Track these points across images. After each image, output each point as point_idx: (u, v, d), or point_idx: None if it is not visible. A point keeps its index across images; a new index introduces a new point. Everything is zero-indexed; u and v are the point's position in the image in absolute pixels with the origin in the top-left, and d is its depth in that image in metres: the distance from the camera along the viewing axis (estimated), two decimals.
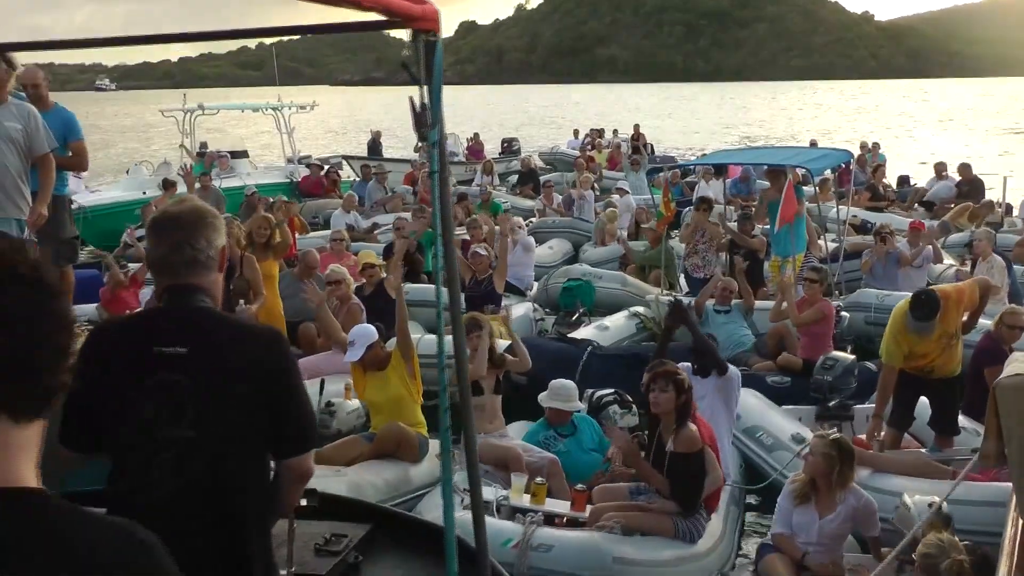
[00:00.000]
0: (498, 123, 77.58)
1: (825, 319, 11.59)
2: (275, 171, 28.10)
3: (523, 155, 34.40)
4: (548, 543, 7.28)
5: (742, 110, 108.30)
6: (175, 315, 3.53)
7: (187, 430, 3.33)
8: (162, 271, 3.58)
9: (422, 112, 3.68)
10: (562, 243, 20.38)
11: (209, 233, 3.57)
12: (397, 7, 3.41)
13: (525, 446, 9.01)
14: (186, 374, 3.35)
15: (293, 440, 3.57)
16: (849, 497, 7.09)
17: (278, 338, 3.60)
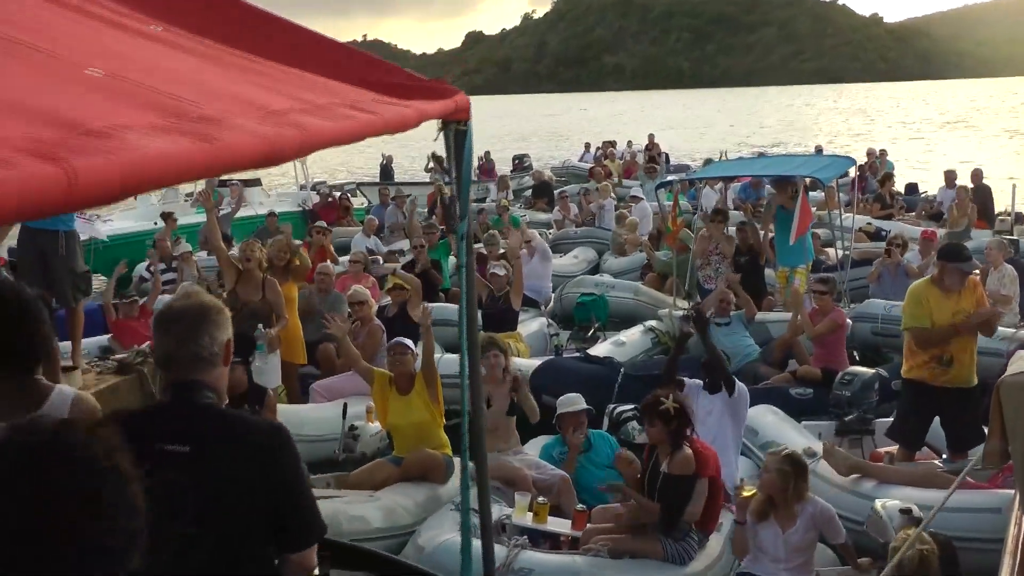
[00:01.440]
0: (508, 136, 77.67)
1: (840, 328, 11.63)
2: (288, 199, 28.12)
3: (535, 170, 34.46)
4: (529, 567, 7.28)
5: (751, 115, 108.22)
6: (179, 412, 3.56)
7: (189, 526, 3.25)
8: (167, 367, 3.63)
9: (451, 204, 3.77)
10: (586, 251, 20.45)
11: (213, 330, 3.60)
12: (437, 112, 3.51)
13: (539, 464, 9.10)
14: (187, 473, 3.30)
15: (295, 536, 3.60)
16: (807, 507, 7.05)
17: (280, 435, 3.60)
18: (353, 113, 3.03)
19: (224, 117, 2.36)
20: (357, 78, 3.38)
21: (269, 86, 2.98)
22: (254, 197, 26.58)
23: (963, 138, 66.29)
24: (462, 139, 3.75)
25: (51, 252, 8.73)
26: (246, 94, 2.76)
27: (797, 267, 14.16)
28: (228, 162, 2.25)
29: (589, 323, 14.51)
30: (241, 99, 2.69)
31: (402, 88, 3.46)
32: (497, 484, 8.66)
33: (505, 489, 8.71)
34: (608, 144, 39.95)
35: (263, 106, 2.66)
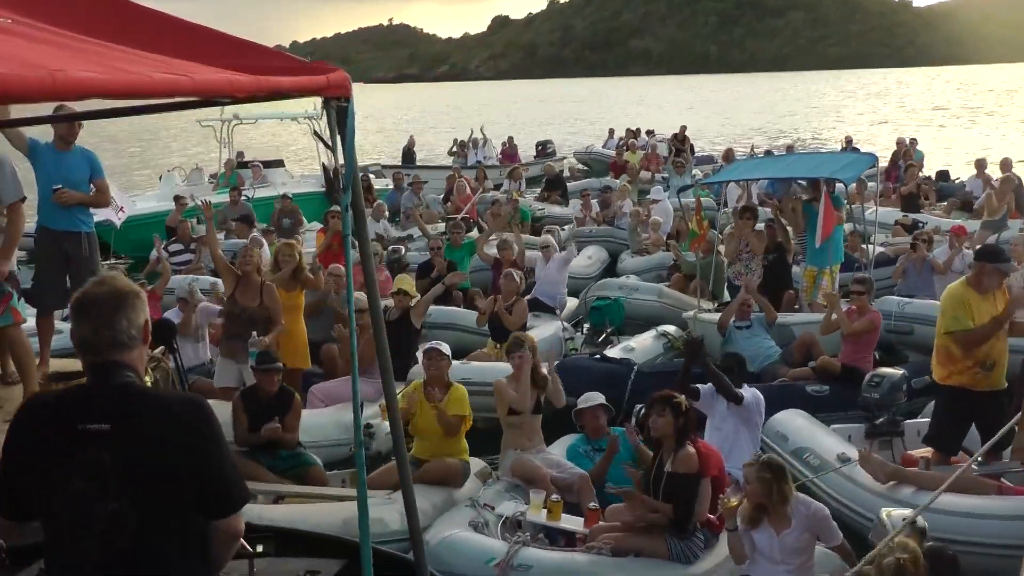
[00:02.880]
0: (532, 121, 77.56)
1: (875, 330, 11.61)
2: (310, 180, 28.12)
3: (548, 161, 34.24)
4: (528, 563, 7.48)
5: (778, 101, 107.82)
6: (98, 392, 3.62)
7: (113, 503, 3.43)
8: (86, 350, 3.66)
9: (335, 176, 3.85)
10: (599, 251, 20.45)
11: (129, 313, 3.66)
12: (304, 85, 3.78)
13: (560, 463, 9.25)
14: (109, 450, 3.44)
15: (219, 503, 3.68)
16: (799, 507, 7.11)
17: (199, 407, 3.67)
18: (153, 74, 3.22)
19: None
20: (228, 62, 3.60)
21: (77, 56, 3.20)
22: (276, 178, 26.74)
23: (992, 125, 65.69)
24: (343, 114, 3.99)
25: (74, 253, 8.99)
26: (27, 56, 2.93)
27: (825, 268, 14.09)
28: None
29: (603, 327, 14.41)
30: (10, 56, 2.86)
31: (272, 68, 3.72)
32: (517, 482, 8.99)
33: (525, 487, 8.89)
34: (631, 133, 39.67)
35: (33, 62, 2.86)
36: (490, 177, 28.79)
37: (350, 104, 4.03)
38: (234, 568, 4.53)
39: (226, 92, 3.46)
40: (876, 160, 17.12)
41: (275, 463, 9.41)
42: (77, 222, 9.01)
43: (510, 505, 8.53)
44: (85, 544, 3.45)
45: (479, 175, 27.24)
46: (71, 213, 8.94)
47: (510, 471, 9.13)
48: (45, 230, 8.97)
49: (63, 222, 8.93)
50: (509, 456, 9.27)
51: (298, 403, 9.85)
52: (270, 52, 3.84)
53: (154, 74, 3.20)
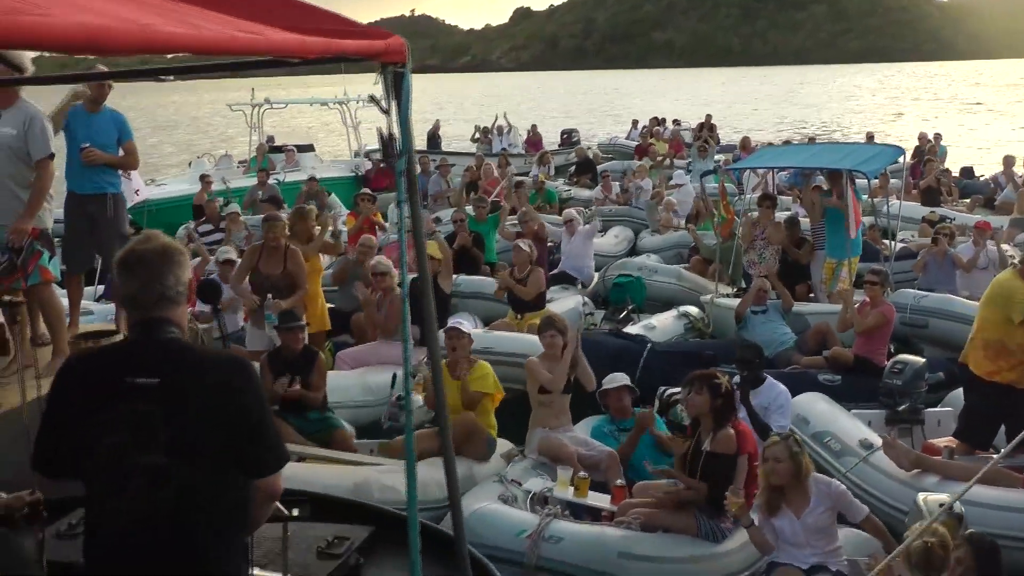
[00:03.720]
0: (555, 112, 77.52)
1: (887, 323, 11.53)
2: (341, 165, 28.33)
3: (579, 146, 34.46)
4: (559, 535, 7.50)
5: (800, 94, 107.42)
6: (146, 347, 3.70)
7: (158, 457, 3.50)
8: (134, 307, 3.75)
9: (390, 141, 3.92)
10: (624, 231, 20.62)
11: (176, 270, 3.76)
12: (365, 49, 3.72)
13: (587, 442, 9.30)
14: (157, 403, 3.52)
15: (260, 462, 3.74)
16: (817, 485, 7.09)
17: (242, 365, 3.78)
18: (234, 33, 3.23)
19: (54, 14, 2.51)
20: (292, 24, 3.56)
21: (161, 14, 3.12)
22: (307, 162, 26.94)
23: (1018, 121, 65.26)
24: (400, 80, 3.90)
25: (100, 215, 8.95)
26: (117, 12, 2.88)
27: (844, 260, 14.12)
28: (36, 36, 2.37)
29: (624, 304, 14.55)
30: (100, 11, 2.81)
31: (336, 31, 3.67)
32: (544, 460, 9.01)
33: (551, 465, 8.94)
34: (655, 122, 39.78)
35: (123, 16, 2.82)
36: (514, 165, 28.99)
37: (406, 70, 3.94)
38: (268, 530, 4.57)
39: (297, 53, 3.44)
40: (903, 152, 17.11)
41: (303, 424, 9.49)
42: (103, 184, 8.97)
43: (537, 481, 8.58)
44: (127, 496, 3.51)
45: (502, 162, 27.45)
46: (96, 176, 8.92)
47: (537, 449, 9.17)
48: (72, 194, 8.94)
49: (88, 185, 8.91)
50: (536, 434, 9.30)
51: (322, 362, 9.89)
52: (330, 15, 3.80)
53: (235, 32, 3.22)
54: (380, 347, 11.49)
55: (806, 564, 6.98)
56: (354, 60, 3.80)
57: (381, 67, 3.87)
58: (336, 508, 6.05)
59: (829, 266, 14.45)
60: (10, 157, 7.65)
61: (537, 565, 7.42)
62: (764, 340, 11.77)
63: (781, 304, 13.07)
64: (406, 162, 4.06)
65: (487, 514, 7.80)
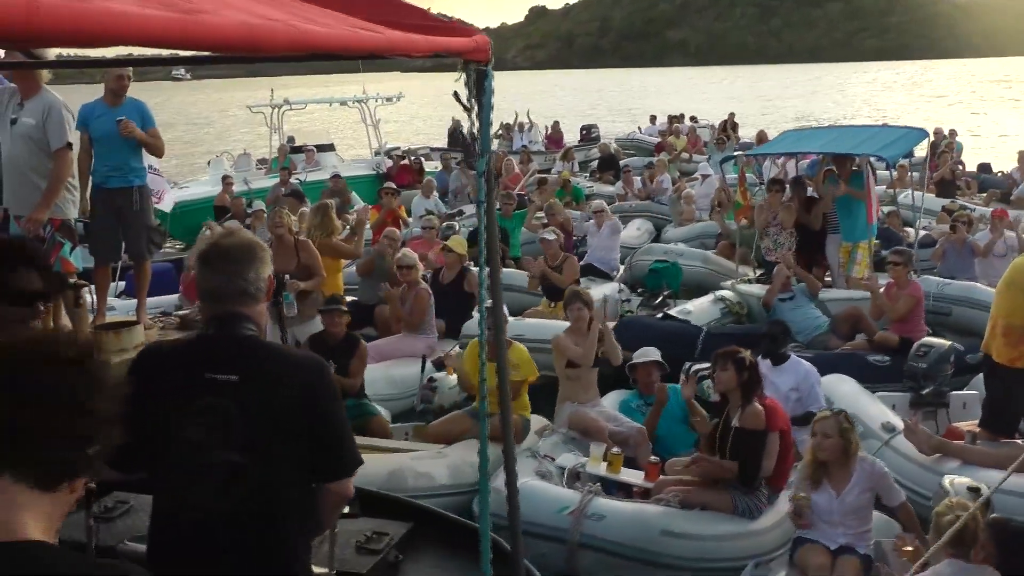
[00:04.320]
0: (574, 109, 77.47)
1: (918, 302, 11.64)
2: (362, 163, 28.43)
3: (602, 142, 34.55)
4: (602, 512, 7.59)
5: (816, 92, 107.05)
6: (226, 342, 3.70)
7: (235, 454, 3.51)
8: (212, 300, 3.74)
9: (471, 142, 3.93)
10: (646, 223, 20.80)
11: (258, 266, 3.76)
12: (454, 46, 3.73)
13: (616, 417, 9.40)
14: (236, 400, 3.53)
15: (334, 466, 3.74)
16: (862, 464, 7.07)
17: (322, 368, 3.76)
18: (356, 30, 3.25)
19: (217, 9, 2.54)
20: (384, 19, 3.57)
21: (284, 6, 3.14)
22: (327, 161, 26.99)
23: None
24: (482, 78, 3.89)
25: (126, 207, 8.98)
26: (255, 8, 2.90)
27: (860, 242, 14.22)
28: (202, 36, 2.38)
29: (659, 290, 14.65)
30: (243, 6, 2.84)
31: (424, 28, 3.70)
32: (574, 435, 9.10)
33: (581, 439, 9.04)
34: (674, 119, 39.81)
35: (264, 13, 2.84)
36: (535, 161, 29.08)
37: (489, 68, 3.94)
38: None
39: (406, 51, 3.46)
40: (927, 135, 17.07)
41: None
42: (130, 178, 8.99)
43: (569, 457, 8.67)
44: (202, 492, 3.50)
45: (524, 158, 27.55)
46: (122, 169, 8.92)
47: (567, 423, 9.26)
48: (98, 188, 8.93)
49: (114, 179, 8.91)
50: (566, 408, 9.39)
51: (363, 348, 9.95)
52: (415, 10, 3.80)
53: (359, 31, 3.23)
54: (404, 340, 11.63)
55: (834, 544, 7.02)
56: (444, 57, 3.78)
57: (463, 64, 3.88)
58: (375, 503, 6.04)
59: (845, 249, 14.49)
60: (30, 147, 7.66)
61: (580, 542, 7.48)
62: (797, 326, 11.90)
63: (807, 288, 13.08)
64: (486, 162, 4.04)
65: (527, 490, 7.72)
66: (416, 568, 5.48)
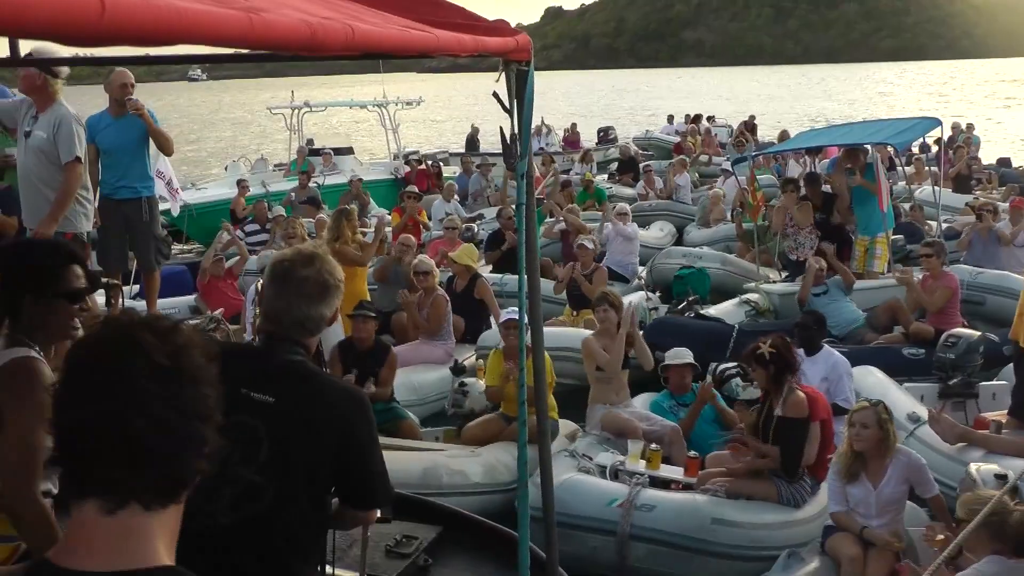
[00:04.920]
0: (589, 110, 77.46)
1: (954, 293, 11.66)
2: (380, 167, 28.42)
3: (621, 143, 34.49)
4: (651, 503, 7.61)
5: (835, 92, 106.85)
6: (269, 362, 3.63)
7: (254, 474, 3.45)
8: (272, 319, 3.69)
9: (512, 143, 3.85)
10: (667, 225, 20.75)
11: (324, 307, 3.68)
12: (496, 47, 3.65)
13: (649, 416, 9.39)
14: (267, 422, 3.47)
15: (362, 498, 3.72)
16: (899, 456, 7.08)
17: (358, 400, 3.68)
18: (406, 29, 3.20)
19: (274, 8, 2.51)
20: (425, 18, 3.49)
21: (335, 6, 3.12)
22: (346, 165, 26.93)
23: None
24: (523, 79, 3.82)
25: (136, 218, 9.10)
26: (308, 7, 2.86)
27: (877, 235, 14.20)
28: (266, 35, 2.34)
29: (684, 296, 14.55)
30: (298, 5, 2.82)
31: (466, 27, 3.62)
32: (608, 435, 9.10)
33: (615, 439, 9.06)
34: (695, 118, 39.64)
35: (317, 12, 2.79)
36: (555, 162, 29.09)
37: (530, 69, 3.87)
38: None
39: (455, 51, 3.41)
40: (939, 123, 17.11)
41: None
42: (139, 188, 9.09)
43: (607, 456, 8.67)
44: (213, 505, 3.44)
45: (545, 160, 27.56)
46: (131, 181, 9.01)
47: (599, 425, 9.25)
48: (107, 199, 8.99)
49: (124, 191, 9.02)
50: (597, 410, 9.38)
51: (393, 357, 9.95)
52: (456, 8, 3.74)
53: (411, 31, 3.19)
54: (422, 347, 11.61)
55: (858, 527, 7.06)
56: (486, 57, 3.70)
57: (504, 64, 3.81)
58: (405, 506, 5.98)
59: (861, 243, 14.46)
60: (41, 160, 7.66)
61: (631, 534, 7.51)
62: (832, 320, 11.81)
63: (841, 282, 12.95)
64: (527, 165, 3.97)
65: (575, 484, 7.86)
66: (446, 572, 5.46)
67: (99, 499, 1.85)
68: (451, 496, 7.34)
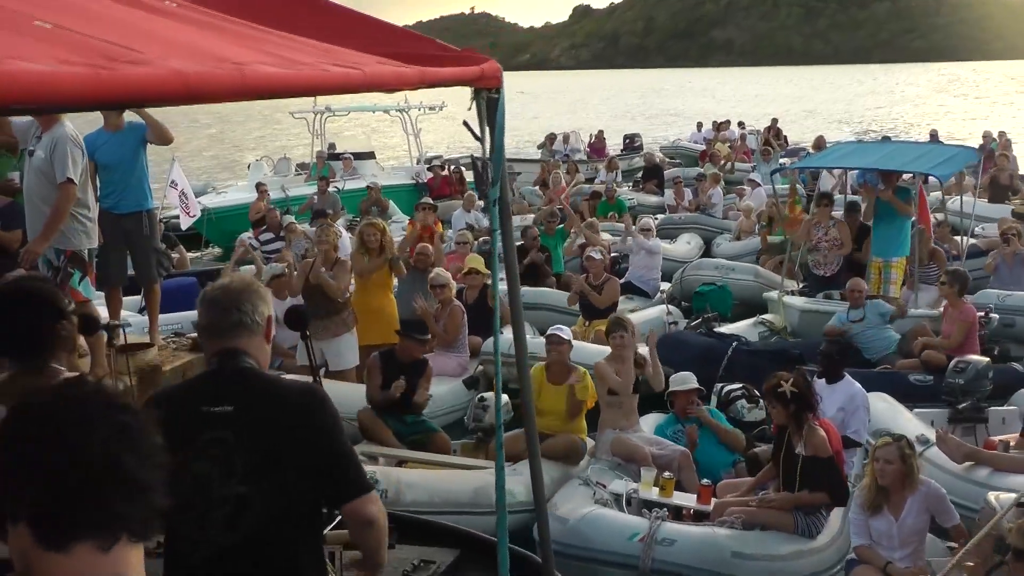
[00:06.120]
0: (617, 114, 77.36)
1: (972, 326, 11.58)
2: (401, 172, 28.34)
3: (646, 151, 34.25)
4: (672, 537, 7.59)
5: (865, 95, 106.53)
6: (222, 376, 3.70)
7: (238, 486, 3.49)
8: (211, 335, 3.76)
9: (483, 170, 3.90)
10: (695, 238, 20.53)
11: (255, 300, 3.75)
12: (460, 76, 3.70)
13: (658, 441, 9.37)
14: (231, 430, 3.51)
15: (342, 490, 3.65)
16: (920, 488, 7.11)
17: (313, 394, 3.72)
18: (331, 68, 3.17)
19: (152, 59, 2.42)
20: (385, 50, 3.54)
21: (251, 46, 3.09)
22: (366, 170, 26.87)
23: None
24: (494, 106, 3.88)
25: (136, 232, 9.04)
26: (208, 47, 2.84)
27: (892, 260, 13.95)
28: (122, 91, 2.27)
29: (703, 312, 14.39)
30: (193, 48, 2.78)
31: (429, 58, 3.67)
32: (618, 460, 9.10)
33: (626, 465, 9.06)
34: (721, 125, 39.23)
35: (216, 54, 2.76)
36: (579, 170, 28.87)
37: (501, 95, 3.92)
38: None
39: (393, 85, 3.43)
40: (978, 157, 16.99)
41: (400, 428, 9.58)
42: (141, 201, 9.04)
43: (620, 483, 8.69)
44: (209, 529, 3.49)
45: (571, 168, 27.33)
46: (132, 195, 8.99)
47: (609, 450, 9.24)
48: (107, 213, 8.86)
49: (124, 205, 8.97)
50: (607, 435, 9.38)
51: (430, 370, 10.02)
52: (423, 39, 3.84)
53: (330, 67, 3.17)
54: (438, 358, 11.44)
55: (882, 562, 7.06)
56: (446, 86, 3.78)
57: (474, 92, 3.88)
58: (422, 530, 6.09)
59: (876, 266, 14.15)
60: (40, 180, 7.71)
61: (652, 568, 7.51)
62: (867, 347, 12.01)
63: (880, 307, 12.64)
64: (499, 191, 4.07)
65: (596, 519, 7.91)
66: None
67: (93, 540, 1.85)
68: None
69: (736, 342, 12.07)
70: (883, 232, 14.08)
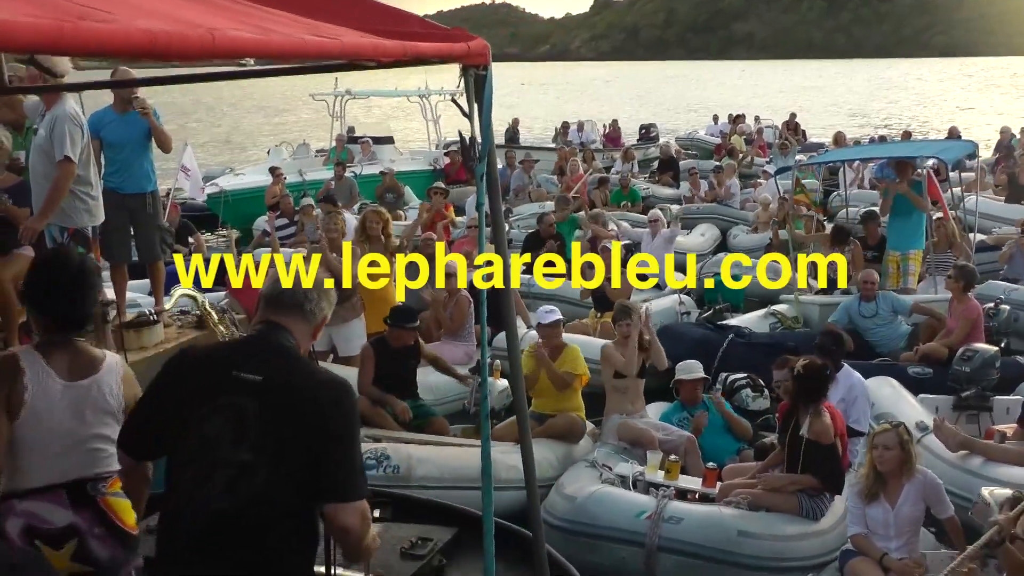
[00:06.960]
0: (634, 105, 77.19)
1: (977, 321, 11.62)
2: (419, 157, 28.37)
3: (662, 142, 34.22)
4: (678, 516, 7.76)
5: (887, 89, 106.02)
6: (260, 346, 3.81)
7: (246, 453, 3.54)
8: (268, 304, 3.89)
9: (471, 145, 3.98)
10: (711, 228, 20.59)
11: (322, 297, 3.94)
12: (446, 52, 3.77)
13: (664, 426, 9.54)
14: (255, 400, 3.59)
15: (331, 487, 3.63)
16: (915, 476, 7.15)
17: (346, 388, 3.77)
18: (307, 36, 3.25)
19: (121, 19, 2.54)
20: (370, 27, 3.63)
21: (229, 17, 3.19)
22: (384, 154, 26.88)
23: None
24: (481, 83, 3.94)
25: (139, 211, 9.15)
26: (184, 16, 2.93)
27: (909, 252, 14.05)
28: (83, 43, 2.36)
29: (715, 302, 14.51)
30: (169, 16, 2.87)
31: (414, 34, 3.74)
32: (624, 444, 9.28)
33: (632, 449, 9.21)
34: (738, 118, 39.15)
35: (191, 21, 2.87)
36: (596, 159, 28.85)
37: (488, 73, 3.97)
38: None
39: (372, 56, 3.43)
40: (976, 148, 17.23)
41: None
42: (143, 183, 9.13)
43: (625, 466, 8.79)
44: (210, 489, 3.54)
45: (587, 156, 27.35)
46: (135, 175, 9.07)
47: (615, 434, 9.37)
48: (112, 192, 8.95)
49: (127, 186, 9.06)
50: (613, 420, 9.50)
51: (423, 346, 10.21)
52: (410, 17, 3.89)
53: (305, 36, 3.23)
54: (444, 347, 11.60)
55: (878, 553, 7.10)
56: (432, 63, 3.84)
57: (463, 69, 3.95)
58: (420, 508, 6.18)
59: (893, 259, 14.29)
60: (42, 158, 7.81)
61: (658, 545, 7.63)
62: (880, 341, 12.14)
63: (893, 299, 12.70)
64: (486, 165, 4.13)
65: (603, 497, 8.06)
66: (460, 573, 5.53)
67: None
68: (507, 490, 7.50)
69: (733, 334, 12.14)
70: (899, 226, 14.23)
